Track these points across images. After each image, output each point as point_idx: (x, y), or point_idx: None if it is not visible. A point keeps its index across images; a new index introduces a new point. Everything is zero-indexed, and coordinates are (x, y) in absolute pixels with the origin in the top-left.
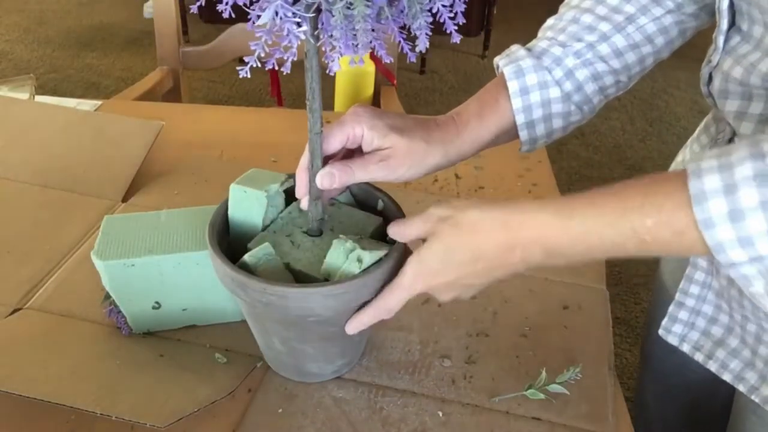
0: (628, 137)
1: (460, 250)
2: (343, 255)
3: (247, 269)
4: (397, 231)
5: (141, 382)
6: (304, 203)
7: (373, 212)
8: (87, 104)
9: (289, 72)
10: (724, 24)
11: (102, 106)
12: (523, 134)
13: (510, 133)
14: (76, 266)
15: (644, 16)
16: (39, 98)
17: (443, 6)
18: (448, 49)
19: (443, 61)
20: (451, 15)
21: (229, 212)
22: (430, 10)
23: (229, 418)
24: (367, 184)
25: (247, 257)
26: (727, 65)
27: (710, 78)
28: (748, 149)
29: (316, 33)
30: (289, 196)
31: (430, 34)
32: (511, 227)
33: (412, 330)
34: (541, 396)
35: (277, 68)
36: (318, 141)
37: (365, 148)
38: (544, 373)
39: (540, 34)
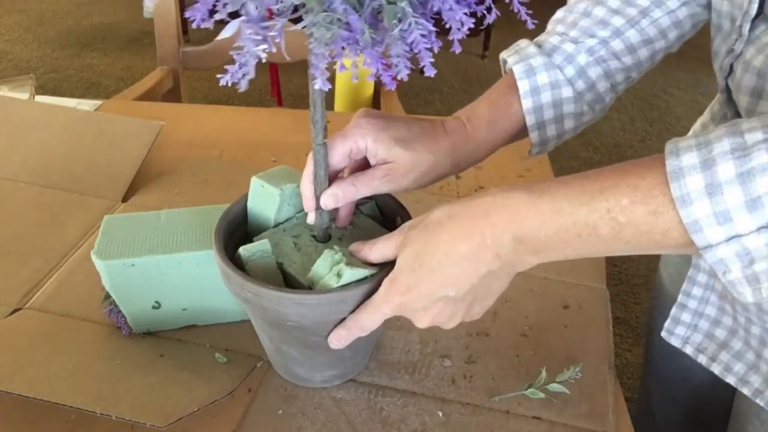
0: (628, 137)
1: (429, 254)
2: (328, 266)
3: (240, 262)
4: (370, 252)
5: (141, 382)
6: (311, 218)
7: (392, 227)
8: (87, 104)
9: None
10: (753, 10)
11: (102, 106)
12: (534, 136)
13: (521, 134)
14: (76, 266)
15: (658, 9)
16: (39, 98)
17: (421, 36)
18: (448, 50)
19: (443, 61)
20: (428, 46)
21: (248, 204)
22: (407, 40)
23: (229, 418)
24: (391, 198)
25: (241, 250)
26: (750, 55)
27: (730, 70)
28: (726, 128)
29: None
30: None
31: (410, 65)
32: (485, 213)
33: (412, 329)
34: (541, 395)
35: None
36: (321, 151)
37: (371, 160)
38: (544, 373)
39: (549, 27)
